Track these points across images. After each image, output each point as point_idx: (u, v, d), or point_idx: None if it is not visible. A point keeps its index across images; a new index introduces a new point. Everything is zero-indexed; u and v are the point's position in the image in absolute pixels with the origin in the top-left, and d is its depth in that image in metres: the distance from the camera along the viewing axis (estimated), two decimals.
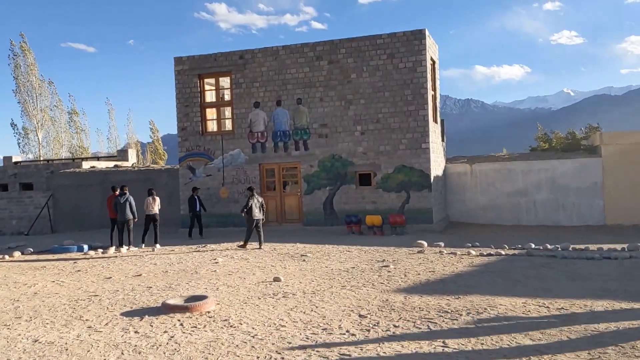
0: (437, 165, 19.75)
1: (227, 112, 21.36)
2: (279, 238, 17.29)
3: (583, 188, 20.21)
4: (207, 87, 21.13)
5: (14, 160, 31.50)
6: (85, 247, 15.55)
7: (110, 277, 10.44)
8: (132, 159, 31.99)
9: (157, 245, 15.98)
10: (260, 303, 7.86)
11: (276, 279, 9.53)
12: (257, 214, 15.05)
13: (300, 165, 19.68)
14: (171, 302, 7.56)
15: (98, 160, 32.57)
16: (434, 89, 20.13)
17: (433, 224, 18.45)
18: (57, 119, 40.97)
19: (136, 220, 15.88)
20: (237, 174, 20.30)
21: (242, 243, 15.14)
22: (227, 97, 21.03)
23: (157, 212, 16.47)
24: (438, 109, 20.91)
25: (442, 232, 18.69)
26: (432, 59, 19.74)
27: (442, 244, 14.69)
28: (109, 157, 33.40)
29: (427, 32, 18.66)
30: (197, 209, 18.60)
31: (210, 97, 21.38)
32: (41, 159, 36.39)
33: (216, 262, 12.16)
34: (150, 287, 9.16)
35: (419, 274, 10.21)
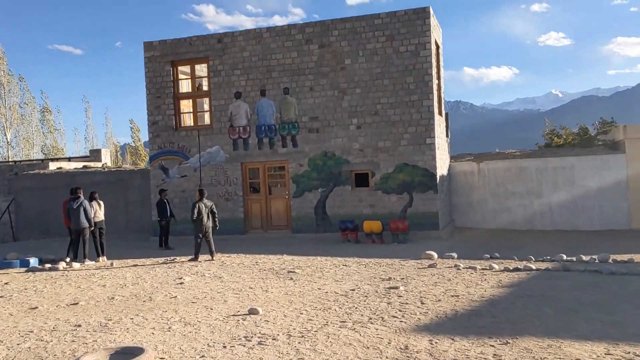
0: (442, 164, 17.44)
1: (205, 104, 18.94)
2: (264, 248, 14.90)
3: (605, 188, 17.98)
4: (181, 76, 18.70)
5: None
6: (33, 260, 13.06)
7: (36, 307, 7.99)
8: (107, 159, 29.47)
9: (103, 258, 13.52)
10: (224, 357, 5.45)
11: (252, 311, 7.13)
12: (206, 221, 12.87)
13: (288, 164, 17.30)
14: None
15: (69, 160, 30.03)
16: (439, 77, 17.83)
17: (439, 230, 16.13)
18: (28, 118, 38.25)
19: (92, 228, 13.42)
20: (217, 174, 17.88)
21: (193, 257, 13.01)
22: (204, 87, 18.60)
23: (103, 217, 13.99)
24: (443, 100, 18.61)
25: (449, 239, 16.38)
26: (436, 42, 17.45)
27: (454, 255, 12.36)
28: (80, 158, 30.84)
29: (431, 11, 16.34)
30: (168, 214, 16.16)
31: (185, 87, 18.94)
32: (9, 160, 33.70)
33: (181, 283, 9.73)
34: (79, 326, 6.72)
35: (439, 300, 7.86)
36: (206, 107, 18.71)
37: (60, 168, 24.71)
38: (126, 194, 22.44)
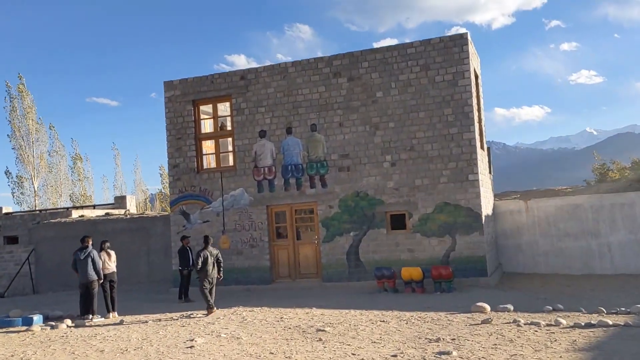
0: (487, 202, 15.83)
1: (227, 144, 17.84)
2: (291, 300, 13.40)
3: None
4: (203, 115, 17.69)
5: (4, 211, 28.35)
6: (36, 318, 11.83)
7: None
8: (132, 206, 28.59)
9: (113, 314, 12.24)
10: None
11: None
12: (211, 271, 12.00)
13: (317, 205, 15.93)
14: None
15: (94, 208, 29.29)
16: (479, 109, 16.40)
17: (487, 277, 14.40)
18: (56, 166, 37.93)
19: (101, 281, 12.18)
20: (240, 218, 16.59)
21: (206, 311, 11.90)
22: (227, 127, 17.54)
23: (114, 269, 12.75)
24: (484, 134, 17.12)
25: (499, 286, 14.62)
26: (475, 71, 16.10)
27: (510, 307, 10.67)
28: (105, 206, 30.08)
29: (469, 37, 15.06)
30: (190, 263, 14.83)
31: (206, 127, 17.92)
32: (38, 209, 33.21)
33: (191, 346, 8.30)
34: None
35: None
36: (229, 147, 17.61)
37: (82, 216, 23.86)
38: (148, 242, 21.35)
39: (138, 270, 20.97)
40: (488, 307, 10.59)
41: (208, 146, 17.85)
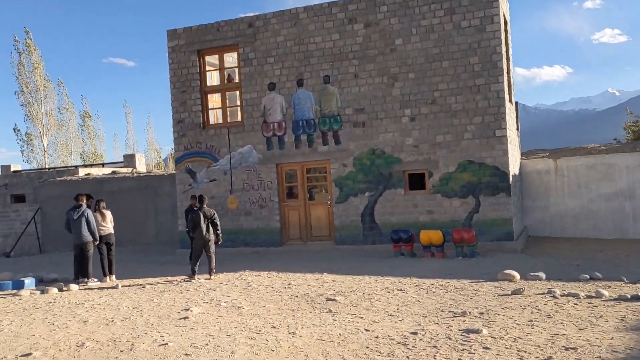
0: (514, 161, 14.63)
1: (235, 98, 16.73)
2: (302, 264, 12.49)
3: None
4: (209, 67, 16.53)
5: (12, 169, 27.72)
6: (28, 281, 11.04)
7: None
8: (141, 165, 27.74)
9: (110, 278, 11.44)
10: None
11: None
12: (205, 233, 11.07)
13: (330, 164, 14.85)
14: None
15: (103, 166, 28.54)
16: (508, 58, 15.03)
17: (514, 241, 13.32)
18: (66, 123, 37.11)
19: (97, 242, 11.32)
20: (249, 177, 15.59)
21: (187, 276, 11.15)
22: (235, 80, 16.38)
23: (112, 231, 11.86)
24: (513, 86, 15.78)
25: (526, 251, 13.55)
26: (504, 16, 14.68)
27: (542, 275, 9.61)
28: (114, 164, 29.29)
29: None
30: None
31: (213, 79, 16.78)
32: (46, 167, 32.57)
33: (185, 317, 7.39)
34: None
35: (549, 357, 5.23)
36: (237, 101, 16.49)
37: (88, 174, 23.06)
38: (156, 202, 20.54)
39: (145, 230, 20.23)
40: (517, 275, 9.55)
41: (215, 100, 16.74)
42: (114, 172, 23.42)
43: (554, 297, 7.90)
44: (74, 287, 10.47)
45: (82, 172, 23.52)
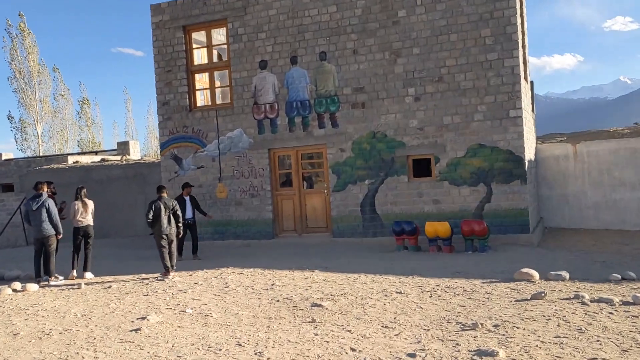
0: (529, 145, 13.25)
1: (224, 79, 15.43)
2: (293, 258, 11.26)
3: None
4: (195, 45, 15.21)
5: (4, 157, 26.64)
6: None
7: None
8: (136, 152, 26.58)
9: (88, 274, 10.26)
10: None
11: None
12: (166, 226, 9.89)
13: (327, 149, 13.54)
14: None
15: (96, 154, 27.41)
16: (523, 31, 13.61)
17: (530, 234, 11.99)
18: (62, 110, 35.94)
19: (60, 236, 10.10)
20: (239, 164, 14.31)
21: (161, 275, 9.93)
22: (224, 59, 15.07)
23: (91, 223, 10.62)
24: (528, 63, 14.36)
25: (543, 245, 12.23)
26: None
27: (565, 274, 8.27)
28: (108, 152, 28.15)
29: None
30: (190, 216, 12.54)
31: (200, 58, 15.45)
32: (35, 156, 31.47)
33: (137, 329, 6.14)
34: None
35: None
36: (225, 81, 15.18)
37: (76, 162, 21.91)
38: (145, 191, 19.30)
39: (134, 221, 19.03)
40: (536, 275, 8.22)
41: (202, 81, 15.44)
42: (102, 160, 22.26)
43: (582, 303, 6.58)
44: (31, 287, 9.26)
45: (71, 160, 22.41)
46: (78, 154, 28.15)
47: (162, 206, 9.84)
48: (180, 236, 10.36)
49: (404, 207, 12.80)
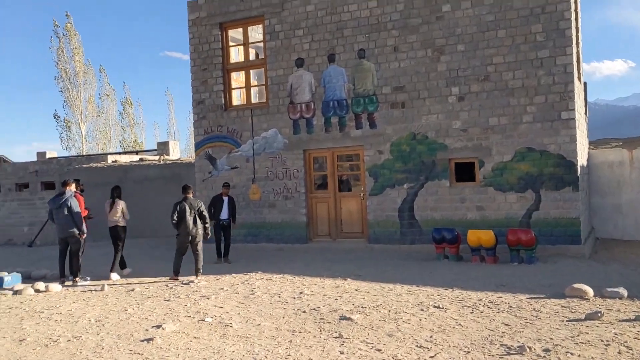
0: (582, 149, 12.35)
1: (260, 76, 15.02)
2: (326, 264, 10.74)
3: None
4: (232, 43, 14.85)
5: (48, 156, 27.09)
6: (9, 279, 9.65)
7: None
8: (175, 153, 26.55)
9: (114, 275, 9.98)
10: None
11: None
12: (192, 227, 9.58)
13: (364, 150, 12.95)
14: None
15: (136, 154, 27.53)
16: (577, 28, 12.73)
17: (581, 245, 11.10)
18: (105, 110, 36.39)
19: (84, 235, 9.83)
20: (273, 165, 13.86)
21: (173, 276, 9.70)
22: (260, 57, 14.66)
23: (123, 223, 10.40)
24: (582, 62, 13.45)
25: (595, 257, 11.31)
26: None
27: (623, 291, 7.46)
28: (149, 152, 28.24)
29: None
30: (226, 217, 12.19)
31: (240, 56, 15.09)
32: (76, 155, 31.88)
33: (151, 338, 5.70)
34: None
35: None
36: (260, 80, 14.77)
37: (115, 161, 21.93)
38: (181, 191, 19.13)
39: (170, 221, 18.86)
40: (590, 291, 7.44)
41: (238, 80, 15.08)
42: (140, 160, 22.23)
43: None
44: (54, 287, 8.99)
45: (110, 159, 22.49)
46: (119, 153, 28.36)
47: (187, 207, 9.49)
48: (208, 237, 9.97)
49: (445, 214, 12.08)
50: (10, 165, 24.67)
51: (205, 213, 9.76)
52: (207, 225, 9.76)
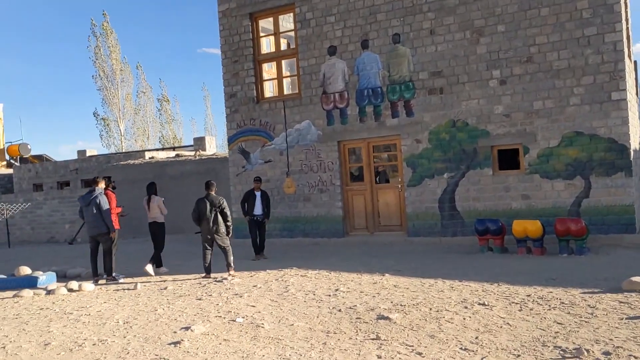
0: (635, 132, 11.58)
1: (291, 67, 14.68)
2: (363, 258, 10.36)
3: None
4: (262, 33, 14.54)
5: (87, 154, 27.44)
6: (44, 278, 9.60)
7: None
8: (212, 148, 26.50)
9: (148, 267, 9.84)
10: None
11: None
12: (212, 225, 9.31)
13: (401, 140, 12.47)
14: None
15: (174, 150, 27.66)
16: (626, 4, 11.94)
17: (636, 234, 10.41)
18: (143, 107, 36.77)
19: (114, 233, 9.68)
20: (307, 157, 13.53)
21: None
22: (292, 47, 14.31)
23: (161, 219, 10.29)
24: (632, 39, 12.65)
25: None
26: None
27: None
28: (185, 147, 28.33)
29: None
30: (260, 212, 11.90)
31: (268, 47, 14.79)
32: (115, 152, 32.27)
33: (178, 341, 5.43)
34: None
35: None
36: (292, 70, 14.43)
37: (152, 158, 22.00)
38: (218, 186, 19.03)
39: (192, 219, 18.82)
40: None
41: (270, 71, 14.78)
42: (177, 156, 22.24)
43: None
44: (87, 286, 8.86)
45: (147, 156, 22.59)
46: (156, 149, 28.55)
47: (207, 204, 9.25)
48: (229, 235, 9.68)
49: (488, 204, 11.52)
50: (51, 163, 25.11)
51: (227, 210, 9.49)
52: (229, 223, 9.49)
